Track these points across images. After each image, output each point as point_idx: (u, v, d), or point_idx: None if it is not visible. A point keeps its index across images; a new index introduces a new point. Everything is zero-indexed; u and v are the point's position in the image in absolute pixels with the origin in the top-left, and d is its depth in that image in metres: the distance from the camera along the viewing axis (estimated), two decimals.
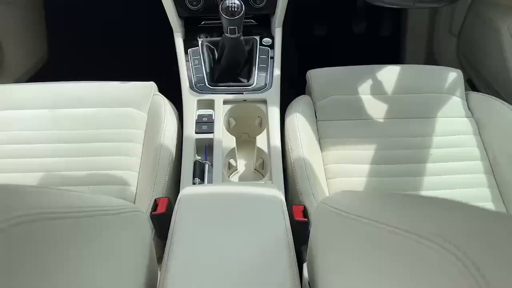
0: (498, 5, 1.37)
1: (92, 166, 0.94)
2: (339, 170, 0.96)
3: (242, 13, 0.93)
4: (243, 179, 1.01)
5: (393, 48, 1.87)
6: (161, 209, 0.79)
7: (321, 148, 1.00)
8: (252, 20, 1.19)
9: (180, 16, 1.13)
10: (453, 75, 1.10)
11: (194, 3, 1.11)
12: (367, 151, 0.98)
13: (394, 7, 0.94)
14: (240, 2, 0.93)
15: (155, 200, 0.82)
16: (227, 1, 0.92)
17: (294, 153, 0.93)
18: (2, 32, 1.55)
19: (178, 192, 0.83)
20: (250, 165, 1.03)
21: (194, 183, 0.90)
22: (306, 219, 0.79)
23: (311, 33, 1.92)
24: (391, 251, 0.35)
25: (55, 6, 1.69)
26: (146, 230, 0.68)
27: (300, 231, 0.77)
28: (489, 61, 1.36)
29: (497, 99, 1.04)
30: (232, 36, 0.98)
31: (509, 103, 1.02)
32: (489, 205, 0.91)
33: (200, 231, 0.64)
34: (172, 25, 1.14)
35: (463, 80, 1.10)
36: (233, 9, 0.92)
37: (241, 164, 1.03)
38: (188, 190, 0.75)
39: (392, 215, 0.36)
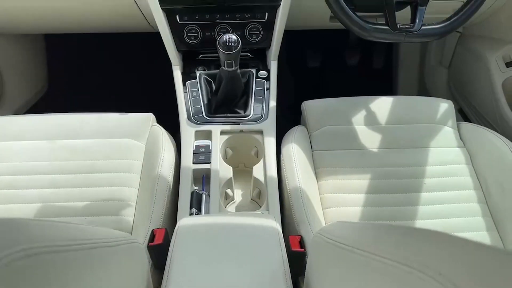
0: (486, 38, 1.42)
1: (89, 197, 0.94)
2: (335, 200, 0.97)
3: (238, 47, 0.96)
4: (240, 209, 1.01)
5: (385, 79, 1.92)
6: (158, 240, 0.79)
7: (317, 178, 1.02)
8: (249, 54, 1.23)
9: (178, 50, 1.17)
10: (445, 106, 1.13)
11: (193, 37, 1.15)
12: (362, 180, 1.00)
13: (385, 41, 0.97)
14: (237, 37, 0.96)
15: (152, 231, 0.83)
16: (224, 36, 0.95)
17: (290, 183, 0.95)
18: (3, 63, 1.58)
19: (175, 222, 0.83)
20: (247, 195, 1.04)
21: (191, 214, 0.91)
22: (303, 250, 0.80)
23: (305, 65, 1.97)
24: (384, 281, 0.35)
25: (55, 39, 1.73)
26: (143, 261, 0.68)
27: (297, 262, 0.77)
28: (479, 92, 1.40)
29: (488, 129, 1.07)
30: (229, 69, 1.01)
31: (499, 133, 1.05)
32: (484, 234, 0.92)
33: (197, 262, 0.64)
34: (171, 58, 1.17)
35: (454, 111, 1.13)
36: (230, 44, 0.95)
37: (238, 194, 1.04)
38: (185, 221, 0.75)
39: (385, 246, 0.37)
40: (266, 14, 1.13)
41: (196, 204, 0.93)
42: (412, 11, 0.94)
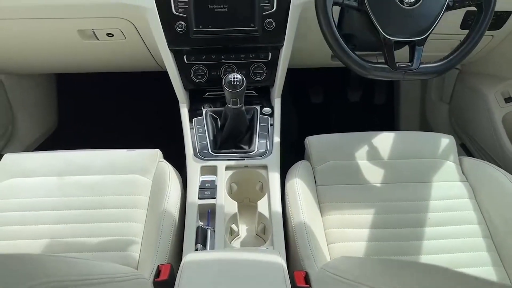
0: (484, 75, 1.46)
1: (96, 233, 0.96)
2: (339, 235, 0.97)
3: (243, 86, 0.99)
4: (244, 244, 1.01)
5: (387, 114, 1.95)
6: (163, 276, 0.80)
7: (321, 213, 1.02)
8: (253, 91, 1.27)
9: (186, 88, 1.21)
10: (446, 141, 1.14)
11: (199, 76, 1.19)
12: (366, 215, 1.00)
13: (385, 79, 1.00)
14: (242, 77, 1.00)
15: (158, 266, 0.83)
16: (229, 76, 0.99)
17: (294, 218, 0.95)
18: (16, 102, 1.63)
19: (181, 258, 0.83)
20: (251, 230, 1.05)
21: (196, 249, 0.91)
22: (308, 286, 0.79)
23: (308, 101, 2.01)
24: None
25: (66, 77, 1.79)
26: None
27: None
28: (479, 127, 1.42)
29: (489, 164, 1.08)
30: (234, 106, 1.05)
31: (502, 168, 1.06)
32: (489, 269, 0.91)
33: None
34: (178, 96, 1.21)
35: (455, 146, 1.15)
36: (235, 82, 0.99)
37: (242, 229, 1.04)
38: (190, 256, 0.76)
39: (385, 280, 0.38)
40: (270, 54, 1.18)
41: (202, 240, 0.93)
42: (410, 50, 0.97)
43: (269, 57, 1.18)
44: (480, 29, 0.94)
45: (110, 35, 1.18)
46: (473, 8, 0.95)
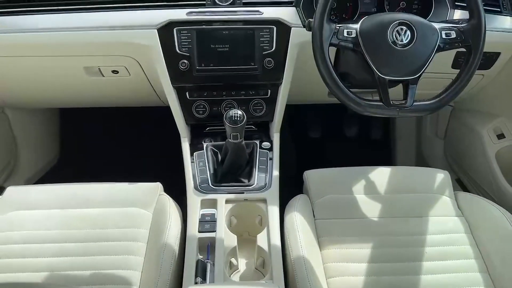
0: (476, 112, 1.50)
1: (96, 266, 0.96)
2: (338, 269, 0.98)
3: (244, 122, 1.03)
4: (244, 278, 1.01)
5: (384, 149, 1.98)
6: None
7: (320, 247, 1.03)
8: (253, 126, 1.30)
9: (187, 123, 1.25)
10: (441, 176, 1.17)
11: (201, 112, 1.23)
12: (364, 249, 1.01)
13: (380, 116, 1.03)
14: (242, 113, 1.03)
15: None
16: (230, 112, 1.03)
17: (293, 252, 0.96)
18: (19, 135, 1.66)
19: None
20: (251, 264, 1.05)
21: (196, 283, 0.91)
22: None
23: (307, 136, 2.05)
24: None
25: (68, 110, 1.83)
26: None
27: None
28: (474, 162, 1.45)
29: (485, 199, 1.10)
30: (235, 141, 1.08)
31: (496, 203, 1.08)
32: None
33: None
34: (180, 131, 1.24)
35: (451, 181, 1.17)
36: (236, 118, 1.03)
37: (242, 263, 1.05)
38: None
39: None
40: (269, 91, 1.22)
41: (201, 273, 0.94)
42: (404, 89, 1.00)
43: (269, 94, 1.23)
44: (470, 70, 0.98)
45: (115, 72, 1.23)
46: (464, 49, 1.00)
